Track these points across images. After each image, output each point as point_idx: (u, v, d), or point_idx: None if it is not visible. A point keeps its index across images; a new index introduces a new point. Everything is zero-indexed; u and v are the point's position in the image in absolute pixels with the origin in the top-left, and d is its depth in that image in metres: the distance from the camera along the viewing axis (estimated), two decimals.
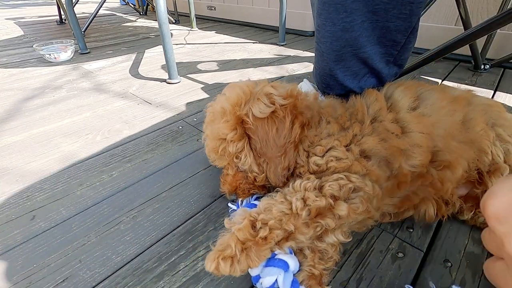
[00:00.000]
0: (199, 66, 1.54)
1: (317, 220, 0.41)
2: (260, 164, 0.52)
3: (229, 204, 0.59)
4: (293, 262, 0.43)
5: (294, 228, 0.40)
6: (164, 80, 1.33)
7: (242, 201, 0.56)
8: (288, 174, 0.51)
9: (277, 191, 0.46)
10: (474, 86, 1.21)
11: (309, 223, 0.41)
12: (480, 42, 1.29)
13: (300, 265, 0.45)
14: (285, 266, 0.42)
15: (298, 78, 1.36)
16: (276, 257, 0.42)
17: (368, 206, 0.44)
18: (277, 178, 0.51)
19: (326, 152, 0.48)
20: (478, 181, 0.54)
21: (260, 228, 0.40)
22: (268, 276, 0.41)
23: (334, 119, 0.53)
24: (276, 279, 0.41)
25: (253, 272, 0.42)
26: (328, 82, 0.71)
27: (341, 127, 0.51)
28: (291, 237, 0.41)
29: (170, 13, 2.77)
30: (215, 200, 0.65)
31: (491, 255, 0.31)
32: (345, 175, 0.44)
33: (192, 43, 2.00)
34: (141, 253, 0.53)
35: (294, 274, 0.43)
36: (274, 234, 0.39)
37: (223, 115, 0.52)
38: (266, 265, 0.42)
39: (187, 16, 2.60)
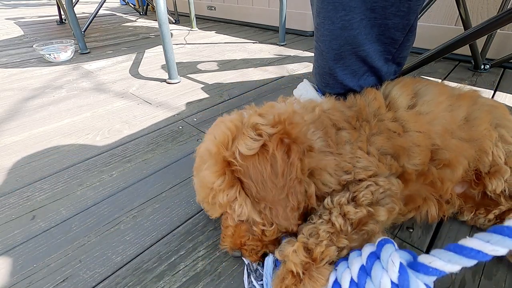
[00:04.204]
0: (199, 66, 1.54)
1: (361, 228, 0.41)
2: (261, 211, 0.43)
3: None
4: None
5: (348, 242, 0.40)
6: (164, 80, 1.33)
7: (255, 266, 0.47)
8: (300, 212, 0.44)
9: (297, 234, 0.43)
10: (474, 86, 1.20)
11: (356, 231, 0.41)
12: (480, 42, 1.29)
13: None
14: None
15: (298, 78, 1.36)
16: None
17: (400, 204, 0.44)
18: (289, 222, 0.43)
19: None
20: (475, 181, 0.54)
21: (316, 246, 0.39)
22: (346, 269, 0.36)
23: (347, 123, 0.50)
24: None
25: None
26: (327, 81, 0.71)
27: (355, 130, 0.49)
28: (346, 248, 0.40)
29: (170, 13, 2.77)
30: None
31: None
32: (373, 181, 0.44)
33: (192, 43, 2.00)
34: (141, 253, 0.53)
35: None
36: (330, 251, 0.39)
37: (208, 159, 0.44)
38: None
39: (187, 16, 2.60)
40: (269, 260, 0.44)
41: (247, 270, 0.47)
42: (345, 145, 0.47)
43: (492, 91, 1.16)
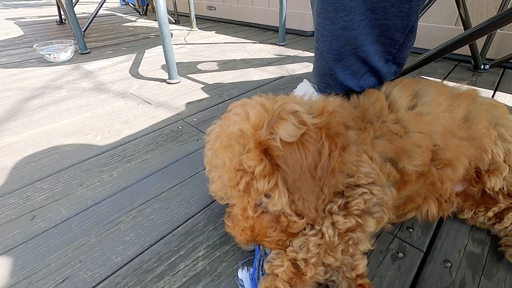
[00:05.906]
0: (199, 66, 1.54)
1: (347, 234, 0.42)
2: (293, 201, 0.41)
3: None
4: None
5: (334, 260, 0.41)
6: (164, 80, 1.33)
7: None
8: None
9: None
10: (474, 86, 1.20)
11: (341, 240, 0.42)
12: (480, 42, 1.29)
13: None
14: None
15: (298, 78, 1.36)
16: None
17: (390, 214, 0.45)
18: (317, 214, 0.42)
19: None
20: (475, 180, 0.54)
21: (305, 267, 0.41)
22: None
23: (354, 123, 0.49)
24: None
25: None
26: (327, 82, 0.71)
27: (361, 131, 0.49)
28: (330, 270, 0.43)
29: (170, 13, 2.77)
30: (215, 200, 0.64)
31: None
32: (368, 189, 0.44)
33: (192, 43, 2.00)
34: (141, 253, 0.53)
35: None
36: (317, 272, 0.41)
37: (242, 140, 0.40)
38: None
39: (187, 16, 2.60)
40: (246, 275, 0.46)
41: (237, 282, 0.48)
42: (351, 146, 0.46)
43: (492, 91, 1.16)
